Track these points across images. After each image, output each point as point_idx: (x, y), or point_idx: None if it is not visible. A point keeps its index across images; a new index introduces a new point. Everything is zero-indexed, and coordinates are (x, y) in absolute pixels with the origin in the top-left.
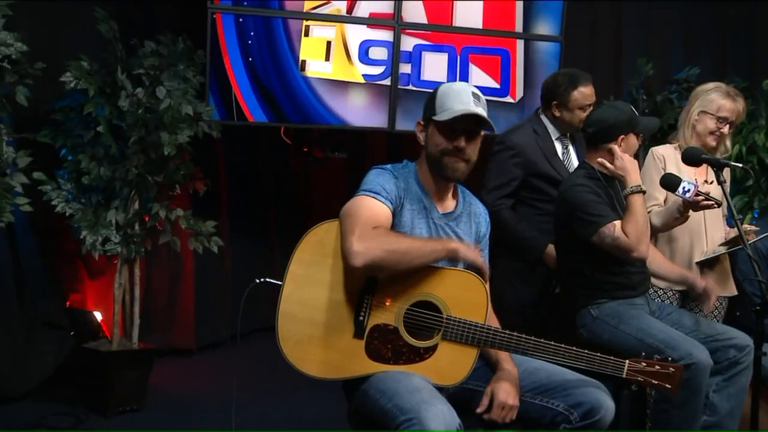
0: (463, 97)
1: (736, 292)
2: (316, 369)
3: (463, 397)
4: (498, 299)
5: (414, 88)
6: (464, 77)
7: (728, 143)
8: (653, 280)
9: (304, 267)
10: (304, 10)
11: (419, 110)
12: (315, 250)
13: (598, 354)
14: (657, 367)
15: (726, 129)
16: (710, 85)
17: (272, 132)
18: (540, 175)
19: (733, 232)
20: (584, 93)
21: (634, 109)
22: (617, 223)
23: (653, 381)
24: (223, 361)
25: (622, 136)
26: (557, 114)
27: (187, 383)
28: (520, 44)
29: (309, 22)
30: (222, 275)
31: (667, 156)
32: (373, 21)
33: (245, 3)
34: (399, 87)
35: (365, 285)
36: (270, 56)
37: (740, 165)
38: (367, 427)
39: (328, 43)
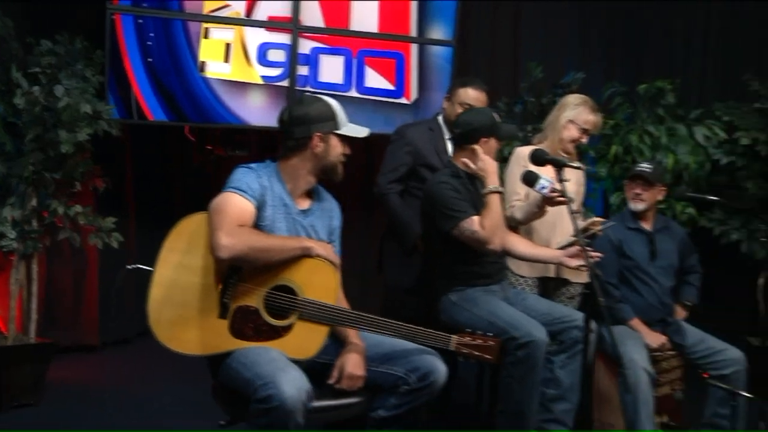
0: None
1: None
2: (185, 347)
3: (317, 371)
4: (382, 281)
5: (311, 90)
6: (360, 79)
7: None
8: (516, 270)
9: (174, 254)
10: (204, 13)
11: None
12: (184, 239)
13: (430, 330)
14: (479, 341)
15: (585, 139)
16: (578, 98)
17: (179, 130)
18: (428, 165)
19: (589, 223)
20: (468, 93)
21: (496, 116)
22: (475, 218)
23: (476, 353)
24: (127, 357)
25: (484, 139)
26: (444, 105)
27: (88, 379)
28: (414, 48)
29: (208, 25)
30: (128, 271)
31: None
32: (272, 24)
33: (145, 5)
34: (296, 88)
35: (230, 271)
36: (169, 57)
37: (578, 166)
38: (230, 399)
39: (227, 45)
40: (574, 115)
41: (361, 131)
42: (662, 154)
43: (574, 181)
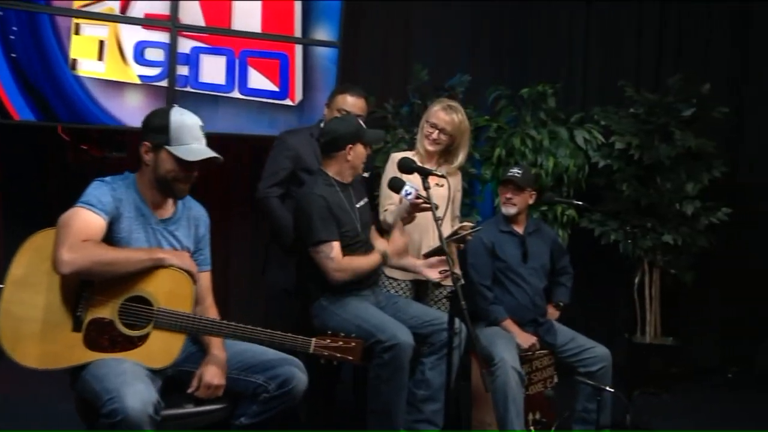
0: (195, 132)
1: (462, 282)
2: (35, 361)
3: (181, 379)
4: (265, 285)
5: (192, 90)
6: (243, 80)
7: (461, 157)
8: (390, 274)
9: (23, 269)
10: (74, 7)
11: (197, 112)
12: (34, 254)
13: (289, 334)
14: (340, 342)
15: (437, 135)
16: (438, 101)
17: (52, 129)
18: (308, 170)
19: (458, 228)
20: (346, 99)
21: (361, 122)
22: (335, 244)
23: (337, 354)
24: None
25: (350, 146)
26: (325, 111)
27: None
28: (298, 49)
29: (79, 20)
30: None
31: None
32: (149, 22)
33: None
34: (176, 88)
35: (82, 284)
36: (37, 53)
37: (441, 174)
38: (89, 410)
39: (101, 43)
40: (427, 115)
41: (199, 154)
42: (543, 157)
43: (449, 186)
